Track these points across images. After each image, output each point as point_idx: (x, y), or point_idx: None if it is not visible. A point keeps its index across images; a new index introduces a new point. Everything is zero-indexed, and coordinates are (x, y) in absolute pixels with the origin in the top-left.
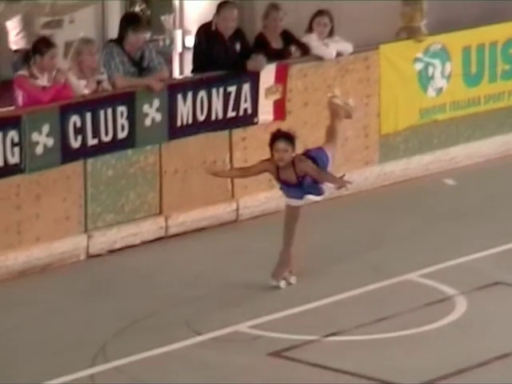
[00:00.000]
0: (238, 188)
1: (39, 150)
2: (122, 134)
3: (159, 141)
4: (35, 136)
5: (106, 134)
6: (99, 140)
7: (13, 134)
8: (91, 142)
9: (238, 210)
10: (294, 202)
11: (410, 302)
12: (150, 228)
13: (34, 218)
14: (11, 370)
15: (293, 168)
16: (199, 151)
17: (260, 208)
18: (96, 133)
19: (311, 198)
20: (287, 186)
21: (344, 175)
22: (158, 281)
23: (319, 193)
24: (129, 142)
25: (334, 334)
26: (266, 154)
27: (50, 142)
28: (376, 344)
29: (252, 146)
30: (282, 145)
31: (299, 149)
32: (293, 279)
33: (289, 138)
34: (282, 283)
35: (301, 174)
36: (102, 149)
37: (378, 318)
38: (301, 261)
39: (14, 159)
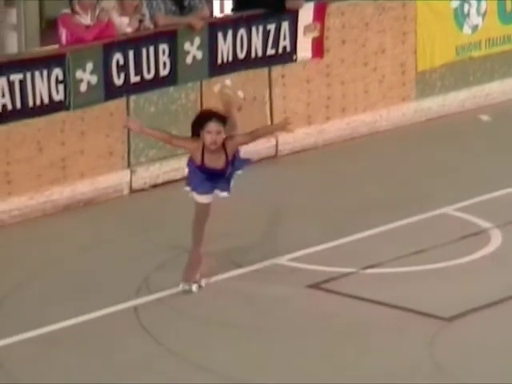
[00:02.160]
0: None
1: (83, 87)
2: (163, 72)
3: (200, 78)
4: (79, 73)
5: (148, 71)
6: (141, 77)
7: (57, 72)
8: (134, 79)
9: (277, 145)
10: (204, 199)
11: (446, 236)
12: None
13: (79, 153)
14: (55, 301)
15: (224, 151)
16: (239, 88)
17: (299, 144)
18: (138, 70)
19: (220, 194)
20: (208, 176)
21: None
22: None
23: (242, 167)
24: (170, 80)
25: (371, 267)
26: (304, 91)
27: (94, 79)
28: (412, 276)
29: (291, 82)
30: (215, 126)
31: (337, 86)
32: (203, 282)
33: (221, 118)
34: (194, 287)
35: (232, 154)
36: (144, 86)
37: (414, 250)
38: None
39: (58, 96)
